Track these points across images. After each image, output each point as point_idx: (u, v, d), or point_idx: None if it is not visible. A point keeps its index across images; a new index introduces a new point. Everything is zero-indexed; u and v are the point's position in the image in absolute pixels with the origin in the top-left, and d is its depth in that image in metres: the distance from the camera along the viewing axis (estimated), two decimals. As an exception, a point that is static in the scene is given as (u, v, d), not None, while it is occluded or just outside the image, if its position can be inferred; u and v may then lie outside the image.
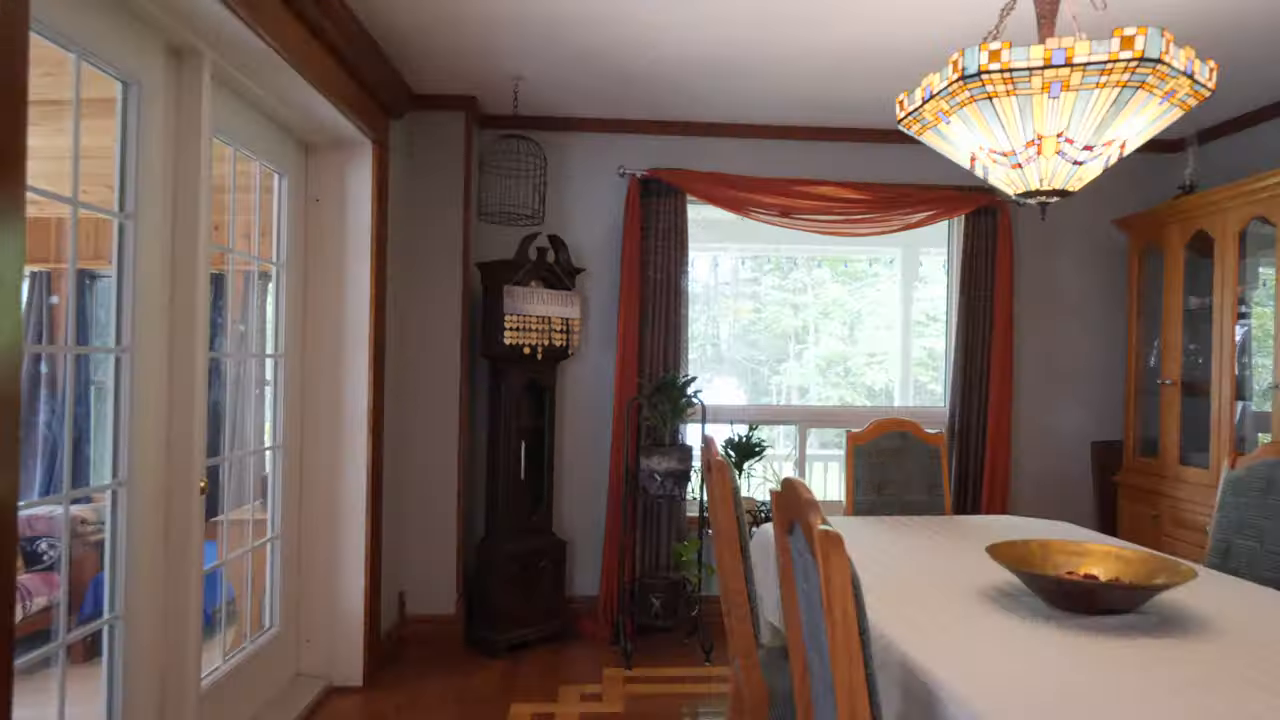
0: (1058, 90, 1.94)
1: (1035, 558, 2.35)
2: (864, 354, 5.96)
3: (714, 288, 5.50)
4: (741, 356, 5.54)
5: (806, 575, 1.63)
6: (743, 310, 5.64)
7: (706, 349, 5.46)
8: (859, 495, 3.59)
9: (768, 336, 5.59)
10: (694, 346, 5.38)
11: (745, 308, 5.51)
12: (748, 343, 5.59)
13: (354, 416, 3.85)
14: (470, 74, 4.17)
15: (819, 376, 5.80)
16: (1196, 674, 1.71)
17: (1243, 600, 2.27)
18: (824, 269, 5.77)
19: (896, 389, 5.56)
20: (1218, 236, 3.98)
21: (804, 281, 5.75)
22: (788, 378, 5.63)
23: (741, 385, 5.53)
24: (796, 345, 5.84)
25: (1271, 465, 2.71)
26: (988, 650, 1.84)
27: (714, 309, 5.49)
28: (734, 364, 5.56)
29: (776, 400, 5.79)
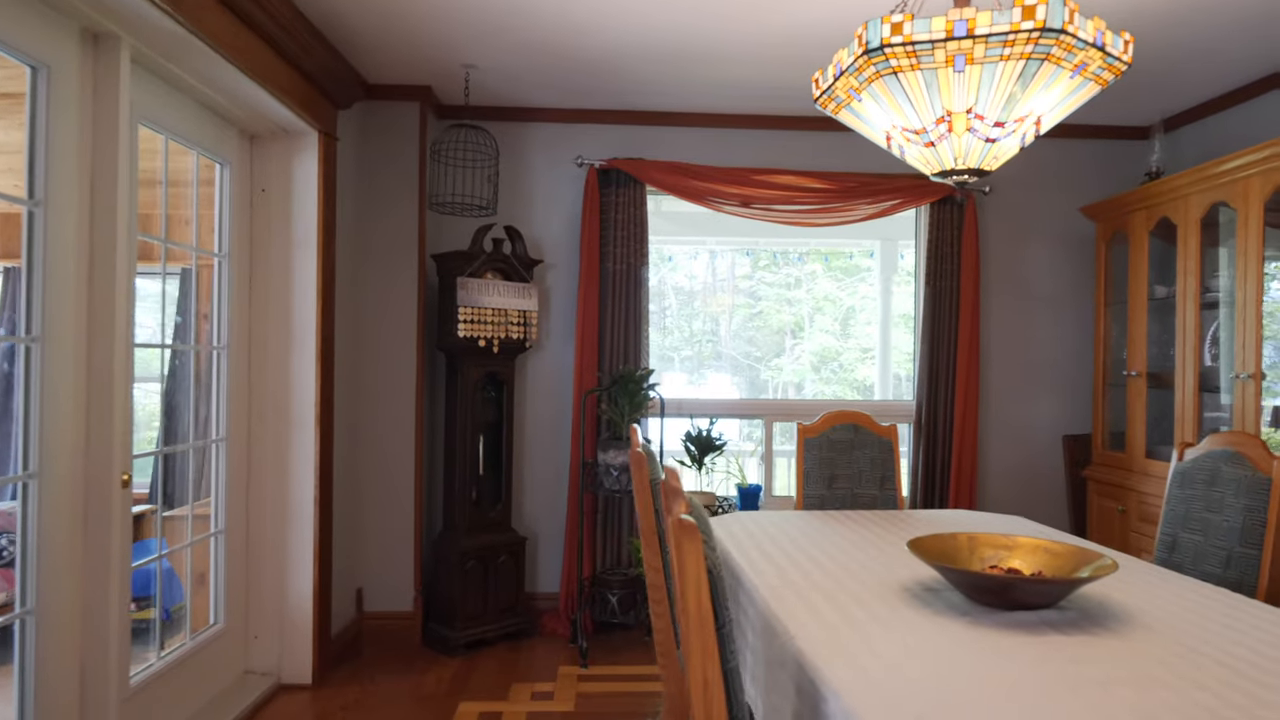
0: (962, 64, 1.87)
1: (962, 552, 2.28)
2: (857, 349, 5.89)
3: (712, 284, 5.43)
4: (738, 353, 5.46)
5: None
6: (719, 304, 5.56)
7: (704, 346, 5.38)
8: (809, 489, 3.52)
9: (765, 333, 5.51)
10: (690, 343, 5.32)
11: (742, 304, 5.42)
12: (745, 339, 5.51)
13: (301, 410, 3.80)
14: (423, 63, 4.12)
15: (813, 373, 5.72)
16: (1101, 671, 1.65)
17: (1170, 595, 2.20)
18: (816, 264, 5.69)
19: (876, 383, 5.49)
20: (1180, 223, 3.90)
21: (796, 276, 5.67)
22: (782, 374, 5.55)
23: (737, 381, 5.44)
24: (792, 341, 5.75)
25: (1216, 456, 2.64)
26: (888, 646, 1.78)
27: (711, 305, 5.41)
28: (731, 360, 5.47)
29: (774, 397, 5.70)
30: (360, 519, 4.37)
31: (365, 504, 4.38)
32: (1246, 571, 2.43)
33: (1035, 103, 1.95)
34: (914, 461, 4.84)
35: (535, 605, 4.77)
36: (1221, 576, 2.49)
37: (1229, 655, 1.73)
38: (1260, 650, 1.76)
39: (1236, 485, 2.51)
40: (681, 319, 5.34)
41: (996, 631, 1.85)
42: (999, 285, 4.98)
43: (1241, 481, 2.50)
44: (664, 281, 5.51)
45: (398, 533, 4.40)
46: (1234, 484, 2.52)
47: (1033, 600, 1.99)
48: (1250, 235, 3.49)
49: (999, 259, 4.98)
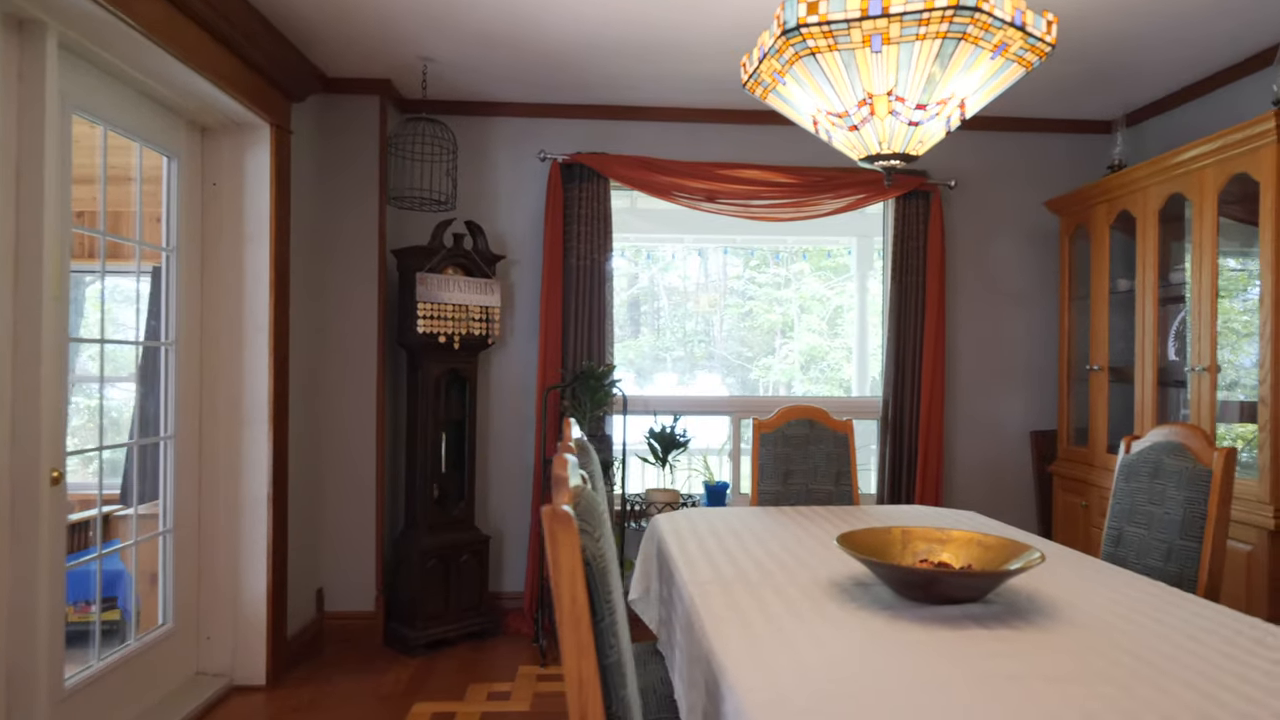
0: (879, 44, 1.83)
1: (895, 546, 2.24)
2: (843, 348, 5.83)
3: (705, 284, 5.37)
4: (730, 353, 5.39)
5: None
6: (709, 304, 5.50)
7: (695, 346, 5.32)
8: (764, 485, 3.48)
9: (756, 333, 5.43)
10: (681, 344, 5.27)
11: (733, 304, 5.35)
12: (737, 339, 5.43)
13: (254, 406, 3.75)
14: (381, 56, 4.07)
15: (801, 373, 5.65)
16: (1013, 665, 1.60)
17: (1103, 590, 2.16)
18: (804, 263, 5.62)
19: (854, 380, 5.45)
20: (1139, 216, 3.86)
21: (784, 276, 5.60)
22: (771, 374, 5.47)
23: (729, 382, 5.37)
24: (782, 340, 5.68)
25: (1159, 449, 2.60)
26: (801, 642, 1.73)
27: (703, 305, 5.34)
28: (722, 360, 5.40)
29: (746, 395, 5.64)
30: (321, 518, 4.33)
31: (326, 503, 4.34)
32: (1186, 564, 2.39)
33: (957, 84, 1.91)
34: (881, 457, 4.80)
35: (500, 604, 4.72)
36: (1163, 570, 2.45)
37: (1149, 650, 1.69)
38: (1182, 645, 1.72)
39: (1178, 478, 2.47)
40: (674, 319, 5.29)
41: (916, 626, 1.81)
42: (966, 280, 4.94)
43: (1183, 474, 2.46)
44: (655, 282, 5.45)
45: (359, 532, 4.36)
46: (1175, 476, 2.48)
47: (958, 594, 1.94)
48: (1204, 227, 3.45)
49: (966, 254, 4.94)
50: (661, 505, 4.33)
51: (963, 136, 4.91)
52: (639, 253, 5.29)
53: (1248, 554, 3.15)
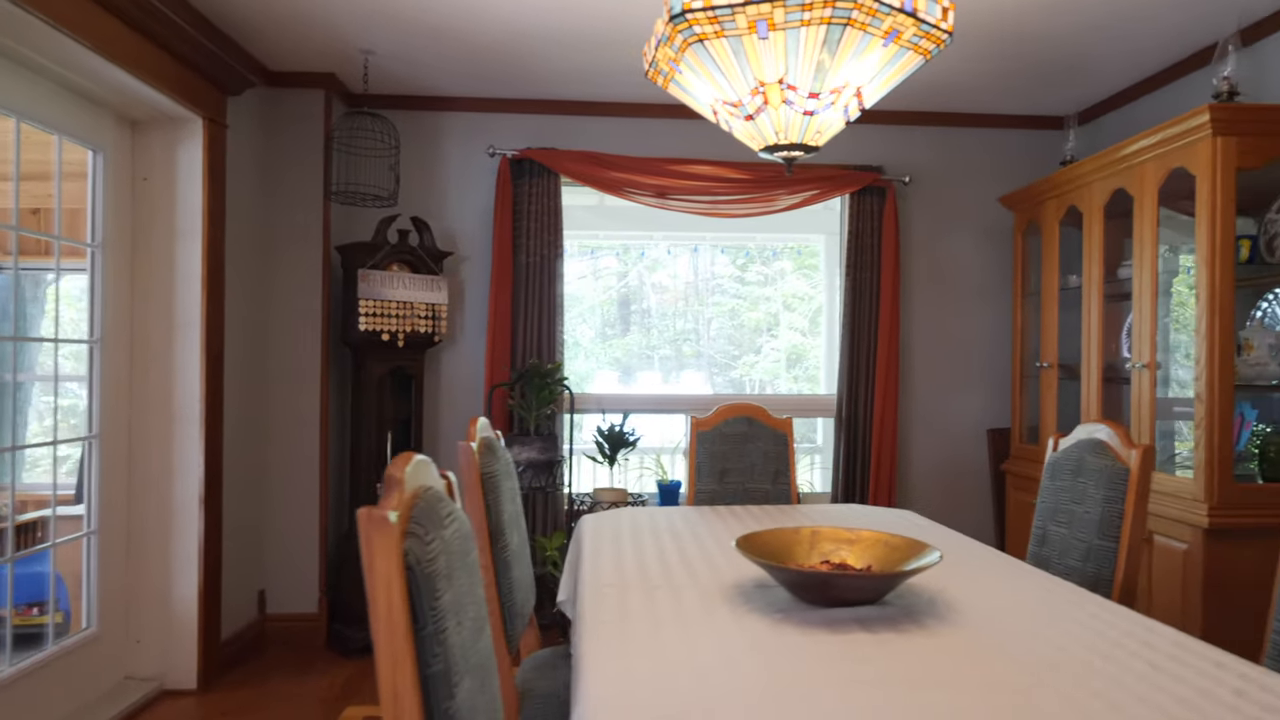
0: (765, 30, 1.77)
1: (801, 547, 2.18)
2: (825, 346, 5.74)
3: (694, 282, 5.30)
4: (717, 351, 5.31)
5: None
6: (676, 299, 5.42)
7: (683, 345, 5.25)
8: (701, 484, 3.43)
9: (743, 331, 5.34)
10: (667, 343, 5.21)
11: (718, 303, 5.27)
12: (724, 338, 5.35)
13: (185, 405, 3.69)
14: (322, 50, 4.02)
15: (786, 371, 5.56)
16: (882, 670, 1.55)
17: (1009, 591, 2.11)
18: (787, 261, 5.53)
19: (822, 378, 5.38)
20: (1086, 211, 3.82)
21: (766, 274, 5.51)
22: (753, 372, 5.38)
23: (717, 381, 5.29)
24: (765, 339, 5.58)
25: (1082, 446, 2.55)
26: (674, 646, 1.68)
27: (691, 305, 5.27)
28: (706, 359, 5.32)
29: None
30: (262, 519, 4.26)
31: (269, 503, 4.27)
32: (1103, 565, 2.34)
33: (850, 72, 1.86)
34: (835, 456, 4.75)
35: (448, 605, 4.66)
36: (1082, 570, 2.40)
37: (1031, 654, 1.64)
38: (1066, 648, 1.67)
39: (1097, 476, 2.42)
40: (662, 318, 5.22)
41: (801, 630, 1.76)
42: (922, 277, 4.90)
43: (1102, 472, 2.41)
44: (643, 280, 5.36)
45: (302, 533, 4.30)
46: (1095, 475, 2.43)
47: (851, 596, 1.89)
48: (1145, 222, 3.41)
49: (922, 250, 4.89)
50: (609, 504, 4.27)
51: (919, 132, 4.87)
52: (627, 251, 5.22)
53: (1184, 553, 3.11)
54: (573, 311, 5.09)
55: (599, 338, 5.19)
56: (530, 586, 2.55)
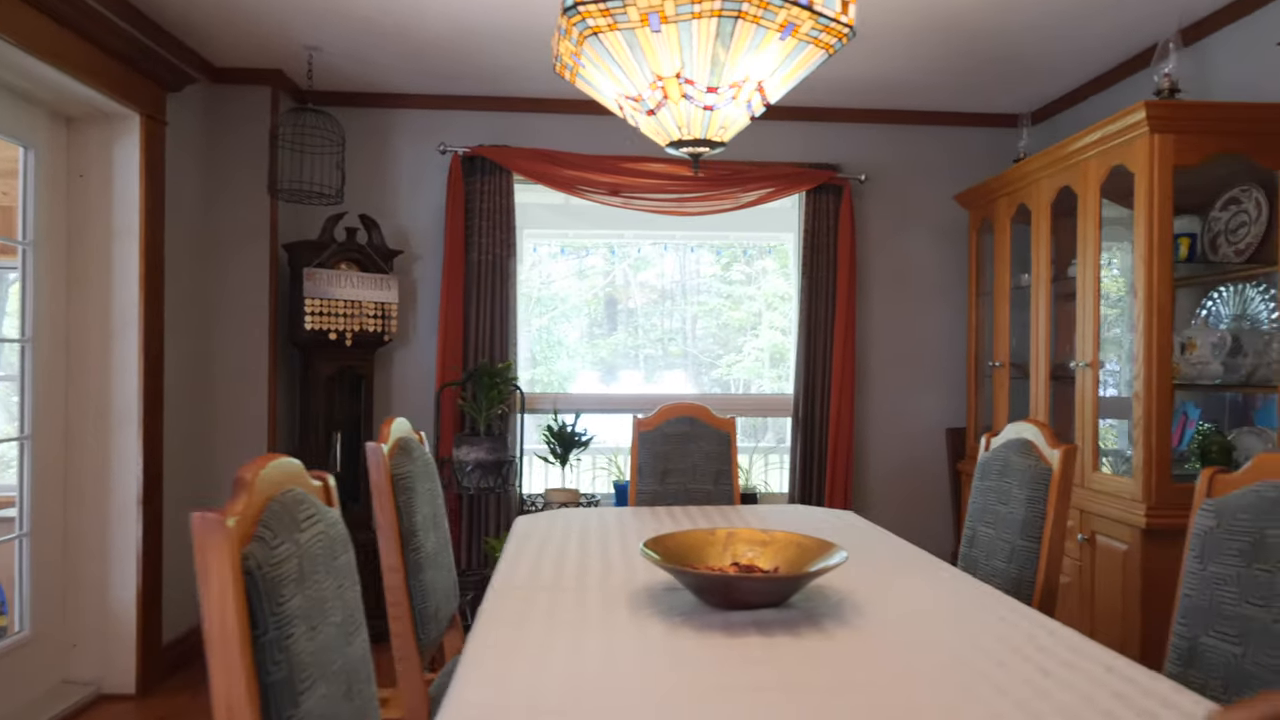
0: (657, 23, 1.74)
1: (715, 548, 2.15)
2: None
3: (680, 282, 5.26)
4: (700, 350, 5.27)
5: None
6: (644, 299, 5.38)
7: (668, 345, 5.21)
8: (642, 484, 3.39)
9: (729, 330, 5.29)
10: (651, 343, 5.17)
11: (702, 302, 5.23)
12: (709, 337, 5.30)
13: (123, 405, 3.63)
14: (269, 46, 3.97)
15: (770, 369, 5.50)
16: (765, 675, 1.52)
17: (921, 594, 2.08)
18: (768, 260, 5.48)
19: (791, 378, 5.32)
20: (1034, 209, 3.80)
21: (748, 272, 5.46)
22: (734, 371, 5.33)
23: (700, 380, 5.25)
24: (748, 337, 5.52)
25: (1009, 446, 2.53)
26: (561, 651, 1.65)
27: (678, 304, 5.23)
28: (687, 358, 5.27)
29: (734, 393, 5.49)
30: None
31: (214, 504, 4.21)
32: (1025, 566, 2.31)
33: (748, 66, 1.82)
34: (792, 456, 4.72)
35: (401, 607, 4.61)
36: (1005, 571, 2.38)
37: (923, 657, 1.62)
38: (959, 652, 1.64)
39: (1021, 476, 2.40)
40: (647, 317, 5.18)
41: (696, 633, 1.73)
42: (881, 276, 4.87)
43: (1027, 472, 2.39)
44: (628, 280, 5.31)
45: (247, 534, 4.24)
46: (1019, 474, 2.41)
47: (754, 598, 1.86)
48: (1088, 220, 3.39)
49: (881, 249, 4.87)
50: (560, 505, 4.24)
51: (876, 130, 4.84)
52: (610, 249, 5.18)
53: (1123, 553, 3.09)
54: (555, 311, 5.06)
55: (586, 337, 5.17)
56: (450, 590, 2.52)
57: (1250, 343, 3.29)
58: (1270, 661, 1.50)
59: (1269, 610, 1.52)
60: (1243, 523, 1.62)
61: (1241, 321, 3.42)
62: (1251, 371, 3.25)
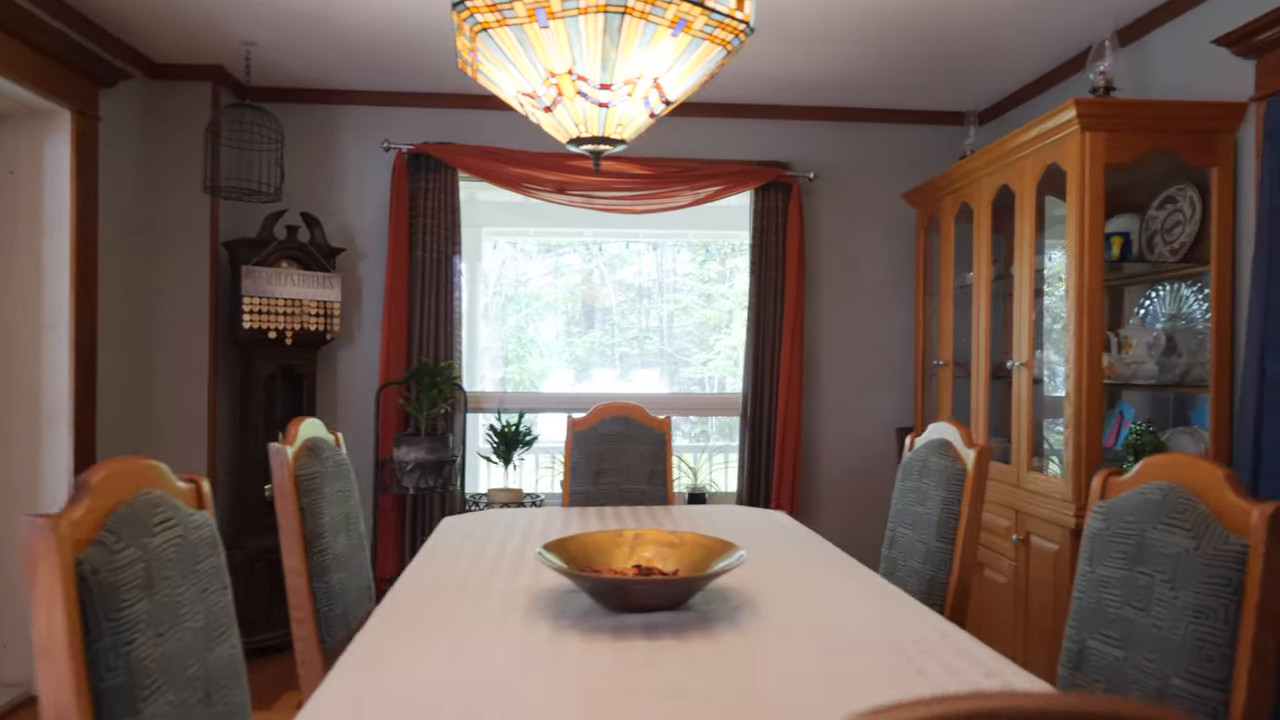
0: (545, 19, 1.71)
1: (622, 550, 2.13)
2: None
3: (657, 279, 5.23)
4: (673, 349, 5.24)
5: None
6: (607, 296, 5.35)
7: (644, 343, 5.19)
8: (575, 485, 3.37)
9: (705, 328, 5.26)
10: (626, 341, 5.14)
11: (675, 301, 5.20)
12: (685, 334, 5.27)
13: (54, 406, 3.58)
14: (207, 42, 3.92)
15: (738, 368, 5.44)
16: (641, 679, 1.50)
17: (825, 595, 2.07)
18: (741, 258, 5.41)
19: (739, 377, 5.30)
20: (976, 207, 3.79)
21: (720, 271, 5.43)
22: (705, 370, 5.29)
23: (666, 377, 5.21)
24: (724, 334, 5.47)
25: (929, 446, 2.52)
26: (438, 657, 1.62)
27: (651, 302, 5.20)
28: (655, 357, 5.24)
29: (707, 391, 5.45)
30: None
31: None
32: (940, 567, 2.30)
33: (640, 63, 1.80)
34: (741, 455, 4.71)
35: (347, 609, 4.57)
36: (921, 572, 2.37)
37: (804, 661, 1.60)
38: (838, 656, 1.63)
39: (938, 477, 2.39)
40: (619, 315, 5.16)
41: (583, 637, 1.70)
42: (831, 275, 4.86)
43: (943, 473, 2.38)
44: (603, 279, 5.27)
45: (186, 535, 4.18)
46: (937, 475, 2.40)
47: (650, 601, 1.84)
48: (1025, 219, 3.39)
49: (831, 248, 4.85)
50: (502, 504, 4.21)
51: (826, 128, 4.83)
52: (586, 247, 5.15)
53: (1054, 553, 3.09)
54: (529, 309, 5.03)
55: (563, 335, 5.15)
56: (363, 592, 2.48)
57: (1185, 342, 3.29)
58: (1148, 665, 1.49)
59: (1148, 614, 1.51)
60: (1128, 525, 1.61)
61: (1177, 321, 3.43)
62: (1186, 371, 3.25)
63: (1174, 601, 1.45)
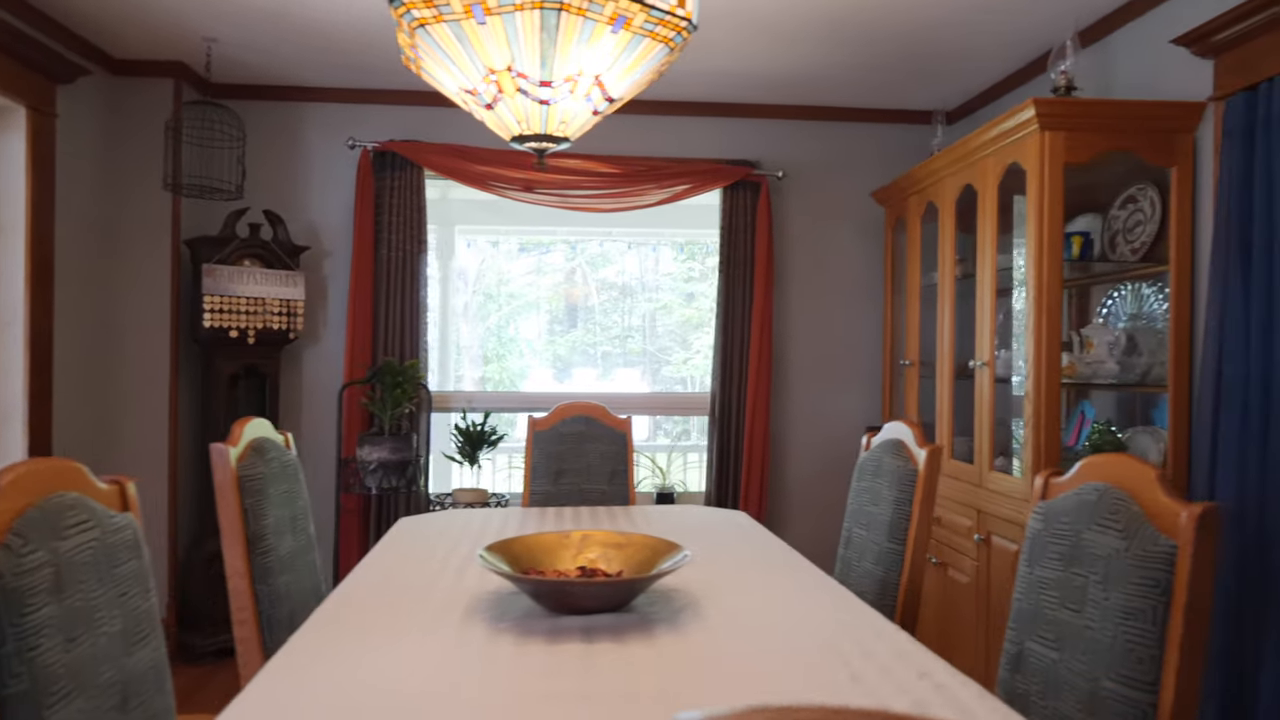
0: (481, 14, 1.69)
1: (569, 551, 2.11)
2: None
3: (639, 278, 5.20)
4: (655, 348, 5.20)
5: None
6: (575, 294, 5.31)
7: (626, 341, 5.16)
8: (536, 485, 3.35)
9: (687, 327, 5.23)
10: (609, 340, 5.11)
11: (655, 300, 5.17)
12: (667, 333, 5.23)
13: (8, 405, 3.53)
14: (169, 38, 3.87)
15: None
16: (569, 685, 1.48)
17: (770, 598, 2.05)
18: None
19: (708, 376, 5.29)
20: (941, 207, 3.79)
21: (700, 270, 5.40)
22: (683, 369, 5.25)
23: (646, 377, 5.18)
24: (703, 333, 5.42)
25: (883, 446, 2.51)
26: (368, 664, 1.60)
27: (634, 301, 5.17)
28: (636, 356, 5.20)
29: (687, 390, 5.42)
30: (104, 522, 4.10)
31: (110, 506, 4.11)
32: (891, 568, 2.30)
33: (580, 60, 1.78)
34: (709, 455, 4.70)
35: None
36: (873, 573, 2.36)
37: (741, 666, 1.58)
38: (780, 661, 1.61)
39: (890, 477, 2.38)
40: (601, 314, 5.13)
41: (518, 641, 1.68)
42: (801, 274, 4.85)
43: (895, 473, 2.37)
44: (586, 277, 5.24)
45: (149, 538, 4.13)
46: (889, 476, 2.39)
47: (590, 604, 1.82)
48: (986, 218, 3.38)
49: (801, 247, 4.84)
50: (466, 504, 4.18)
51: (796, 126, 4.82)
52: (569, 246, 5.12)
53: (1014, 553, 3.09)
54: (508, 308, 5.00)
55: (546, 334, 5.12)
56: (312, 594, 2.45)
57: (1145, 342, 3.30)
58: (1081, 667, 1.48)
59: (1082, 615, 1.51)
60: (1064, 526, 1.60)
61: (1138, 321, 3.43)
62: (1146, 371, 3.26)
63: (1105, 603, 1.45)
